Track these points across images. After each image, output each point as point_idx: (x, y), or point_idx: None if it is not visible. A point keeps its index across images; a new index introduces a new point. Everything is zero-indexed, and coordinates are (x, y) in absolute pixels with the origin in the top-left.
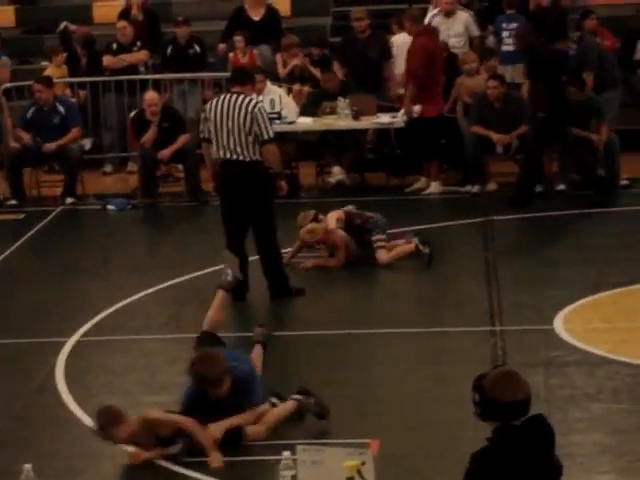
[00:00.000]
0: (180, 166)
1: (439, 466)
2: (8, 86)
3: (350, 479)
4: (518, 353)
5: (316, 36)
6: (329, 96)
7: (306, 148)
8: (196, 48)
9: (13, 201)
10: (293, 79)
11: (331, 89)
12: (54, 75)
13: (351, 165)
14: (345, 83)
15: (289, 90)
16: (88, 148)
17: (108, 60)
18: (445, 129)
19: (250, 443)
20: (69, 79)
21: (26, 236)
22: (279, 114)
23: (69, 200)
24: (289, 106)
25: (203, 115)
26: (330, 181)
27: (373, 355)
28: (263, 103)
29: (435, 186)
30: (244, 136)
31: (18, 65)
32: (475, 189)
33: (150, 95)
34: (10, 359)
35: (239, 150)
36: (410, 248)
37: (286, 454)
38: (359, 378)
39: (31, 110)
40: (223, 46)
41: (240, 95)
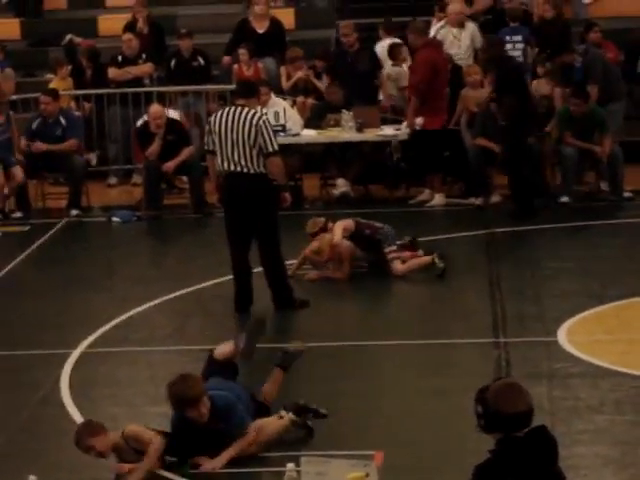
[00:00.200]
0: (185, 178)
1: (443, 477)
2: (14, 98)
3: None
4: (522, 365)
5: (320, 49)
6: (333, 108)
7: (310, 160)
8: (200, 61)
9: (18, 213)
10: (297, 91)
11: (335, 101)
12: (59, 88)
13: (355, 177)
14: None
15: (293, 102)
16: (94, 163)
17: (113, 72)
18: (448, 141)
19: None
20: (74, 92)
21: (31, 248)
22: (283, 126)
23: (74, 212)
24: (293, 118)
25: (208, 127)
26: (334, 193)
27: (377, 367)
28: (267, 116)
29: (439, 198)
30: (248, 149)
31: (23, 78)
32: (479, 201)
33: (154, 108)
34: (15, 371)
35: (243, 162)
36: (426, 261)
37: (290, 466)
38: (363, 390)
39: (36, 122)
40: (228, 59)
41: (245, 108)
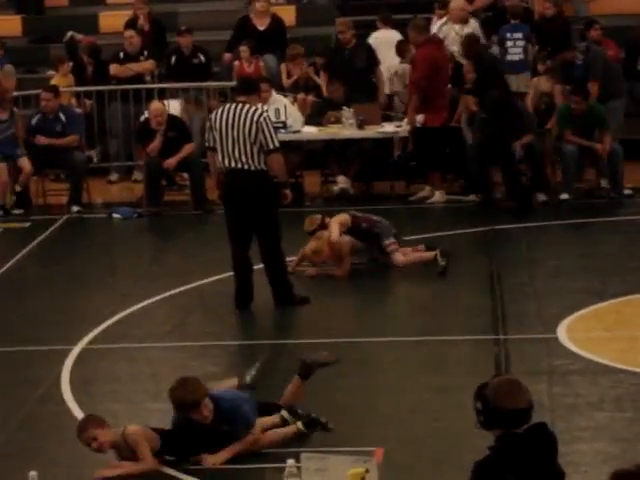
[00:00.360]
0: (186, 175)
1: (443, 474)
2: (15, 95)
3: None
4: (521, 362)
5: (321, 46)
6: (334, 105)
7: (311, 157)
8: (200, 58)
9: (19, 209)
10: (297, 88)
11: (336, 98)
12: (60, 84)
13: (356, 174)
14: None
15: (294, 99)
16: (96, 160)
17: (115, 69)
18: (449, 139)
19: (253, 451)
20: (75, 88)
21: (32, 244)
22: (284, 123)
23: (75, 208)
24: (294, 115)
25: (208, 124)
26: (335, 190)
27: (376, 363)
28: (268, 113)
29: (439, 195)
30: (249, 145)
31: (24, 74)
32: (479, 198)
33: (155, 105)
34: (16, 367)
35: (244, 159)
36: (428, 256)
37: (290, 462)
38: (362, 386)
39: (36, 117)
40: (229, 56)
41: (245, 105)
